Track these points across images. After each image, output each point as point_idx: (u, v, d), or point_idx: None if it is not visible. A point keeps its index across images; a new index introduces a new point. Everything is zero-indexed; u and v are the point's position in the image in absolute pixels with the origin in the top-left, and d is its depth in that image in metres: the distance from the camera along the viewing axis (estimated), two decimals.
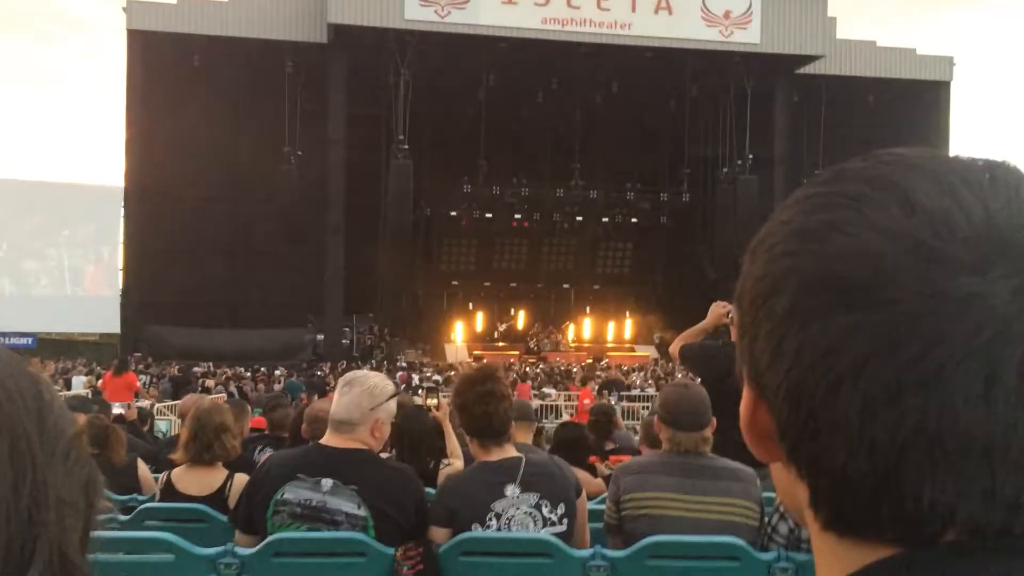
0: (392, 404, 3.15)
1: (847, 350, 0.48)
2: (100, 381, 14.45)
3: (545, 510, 3.02)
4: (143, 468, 4.87)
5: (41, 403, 0.56)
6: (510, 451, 3.10)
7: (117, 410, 7.85)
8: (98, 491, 0.58)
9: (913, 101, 29.52)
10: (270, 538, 2.94)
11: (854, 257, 0.49)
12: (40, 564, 0.51)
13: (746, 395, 0.56)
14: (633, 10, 26.56)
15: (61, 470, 0.54)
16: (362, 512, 2.93)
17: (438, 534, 3.02)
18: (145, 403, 11.77)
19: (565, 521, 3.05)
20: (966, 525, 0.48)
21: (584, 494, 3.24)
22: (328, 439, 3.05)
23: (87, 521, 0.56)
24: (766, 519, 3.19)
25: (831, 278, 0.49)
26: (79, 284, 30.05)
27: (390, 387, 3.15)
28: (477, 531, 2.98)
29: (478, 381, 3.12)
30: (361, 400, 3.01)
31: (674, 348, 4.89)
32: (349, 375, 3.16)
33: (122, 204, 28.38)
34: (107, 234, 30.24)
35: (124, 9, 27.28)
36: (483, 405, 3.03)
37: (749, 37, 27.22)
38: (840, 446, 0.49)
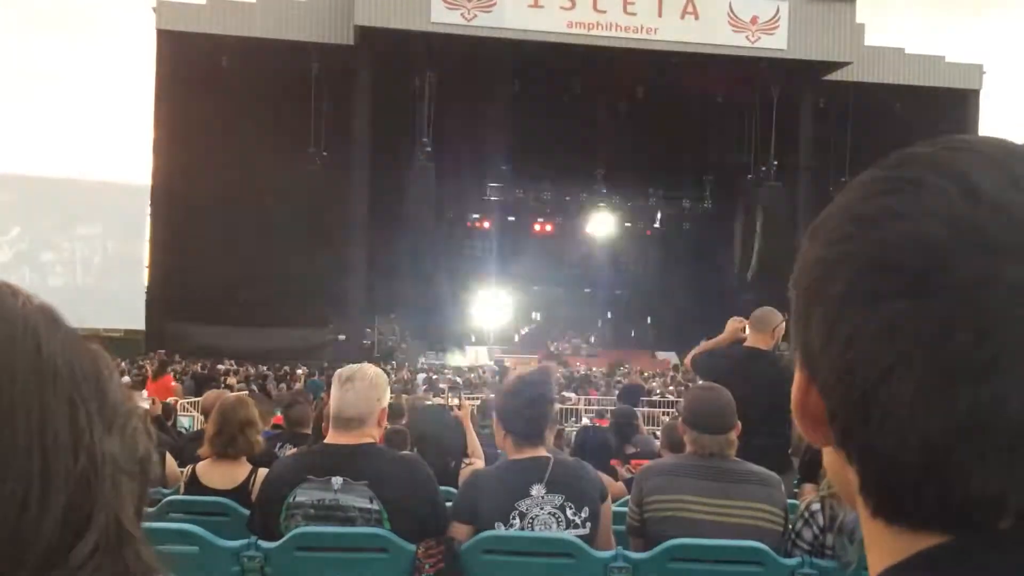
0: (389, 391, 3.18)
1: (901, 336, 0.48)
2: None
3: (569, 512, 3.01)
4: (170, 461, 4.91)
5: (100, 376, 0.57)
6: (540, 451, 3.08)
7: (142, 404, 7.93)
8: (153, 464, 0.59)
9: (941, 109, 29.20)
10: (293, 532, 2.96)
11: (911, 243, 0.48)
12: (96, 530, 0.52)
13: (798, 378, 0.55)
14: (659, 15, 26.49)
15: (118, 441, 0.55)
16: (375, 506, 2.93)
17: (460, 531, 3.02)
18: (169, 398, 11.85)
19: (588, 524, 3.04)
20: (1019, 513, 0.48)
21: (609, 498, 3.22)
22: (334, 437, 3.04)
23: (142, 492, 0.57)
24: (790, 525, 3.16)
25: (887, 264, 0.49)
26: (103, 279, 30.38)
27: (384, 375, 3.18)
28: (499, 530, 2.97)
29: (533, 384, 3.10)
30: (368, 393, 3.01)
31: (688, 359, 4.96)
32: (344, 371, 3.13)
33: (149, 202, 28.69)
34: (133, 231, 30.56)
35: (154, 9, 27.61)
36: (532, 408, 3.02)
37: (776, 43, 27.06)
38: (890, 432, 0.49)
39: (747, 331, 4.64)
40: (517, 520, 2.97)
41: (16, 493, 0.50)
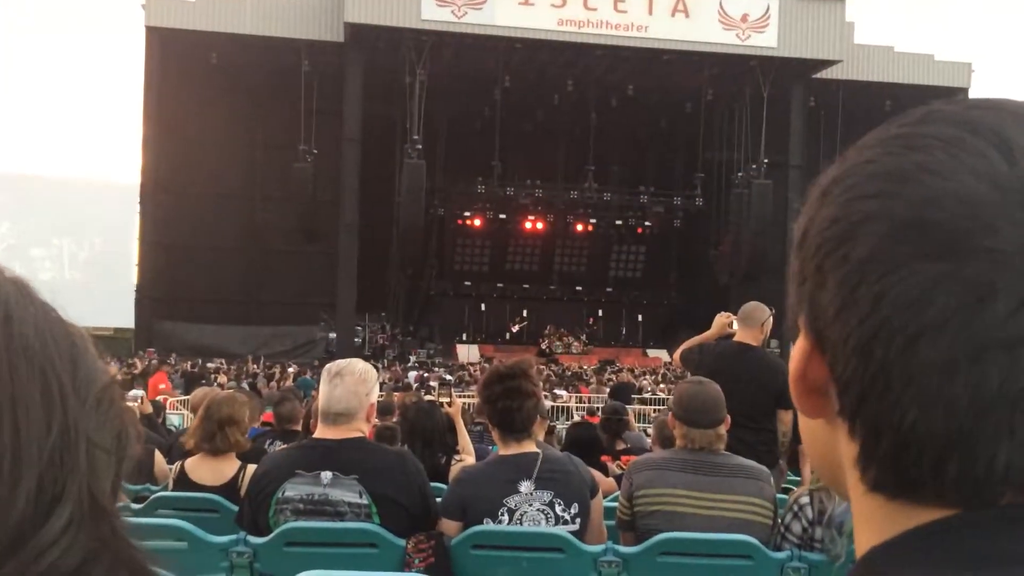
0: (378, 386, 3.17)
1: (931, 302, 0.45)
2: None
3: (558, 508, 3.01)
4: (159, 459, 4.90)
5: (74, 349, 0.56)
6: (529, 447, 3.08)
7: (131, 402, 7.90)
8: (130, 440, 0.58)
9: None
10: (282, 527, 2.95)
11: (949, 202, 0.45)
12: (70, 504, 0.51)
13: (801, 346, 0.52)
14: (650, 13, 26.52)
15: (93, 415, 0.55)
16: (364, 500, 2.93)
17: (449, 527, 3.02)
18: (159, 396, 11.81)
19: (578, 520, 3.04)
20: (1021, 487, 0.46)
21: (600, 493, 3.22)
22: (322, 431, 3.04)
23: (118, 468, 0.56)
24: (779, 518, 3.17)
25: (921, 223, 0.46)
26: (92, 277, 30.24)
27: (373, 370, 3.18)
28: (489, 525, 2.97)
29: (508, 376, 3.09)
30: (357, 388, 3.01)
31: (676, 355, 4.97)
32: (333, 365, 3.13)
33: (138, 200, 28.57)
34: (122, 229, 30.44)
35: (143, 6, 27.47)
36: (508, 400, 3.02)
37: (766, 41, 27.13)
38: (912, 403, 0.46)
39: (735, 326, 4.66)
40: (506, 516, 2.97)
41: None
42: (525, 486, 2.99)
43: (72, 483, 0.52)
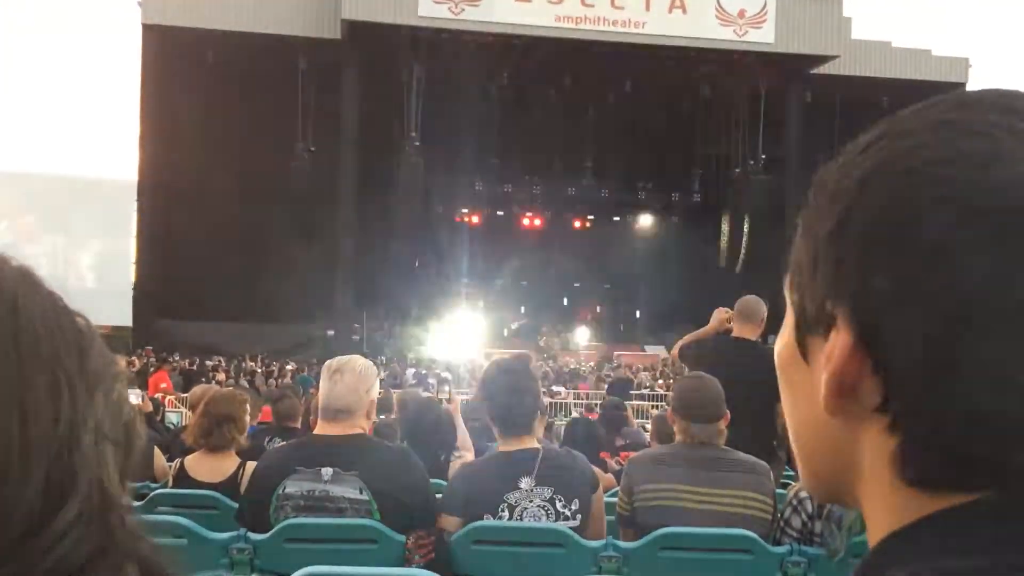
0: (378, 382, 3.17)
1: (1011, 286, 0.44)
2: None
3: (559, 504, 3.01)
4: (159, 457, 4.91)
5: (82, 340, 0.56)
6: (529, 443, 3.07)
7: (133, 400, 7.92)
8: (137, 431, 0.58)
9: None
10: (282, 523, 2.95)
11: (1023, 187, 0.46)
12: (80, 497, 0.51)
13: (843, 341, 0.50)
14: (647, 9, 26.50)
15: (101, 407, 0.54)
16: (364, 496, 2.93)
17: (450, 522, 3.02)
18: (157, 394, 11.82)
19: (579, 517, 3.04)
20: None
21: (600, 489, 3.23)
22: (323, 428, 3.04)
23: (126, 460, 0.56)
24: (779, 513, 3.17)
25: (996, 208, 0.45)
26: (90, 275, 30.20)
27: (373, 366, 3.18)
28: (489, 520, 2.97)
29: (507, 371, 3.09)
30: (357, 384, 3.01)
31: (675, 351, 4.96)
32: (333, 362, 3.13)
33: (135, 198, 28.53)
34: (120, 227, 30.40)
35: (139, 4, 27.41)
36: (507, 395, 3.02)
37: (763, 37, 27.12)
38: (985, 388, 0.45)
39: (732, 321, 4.66)
40: (506, 512, 2.97)
41: None
42: (525, 482, 2.99)
43: (81, 476, 0.52)
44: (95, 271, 30.47)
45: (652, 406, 15.28)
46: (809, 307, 0.53)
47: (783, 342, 0.58)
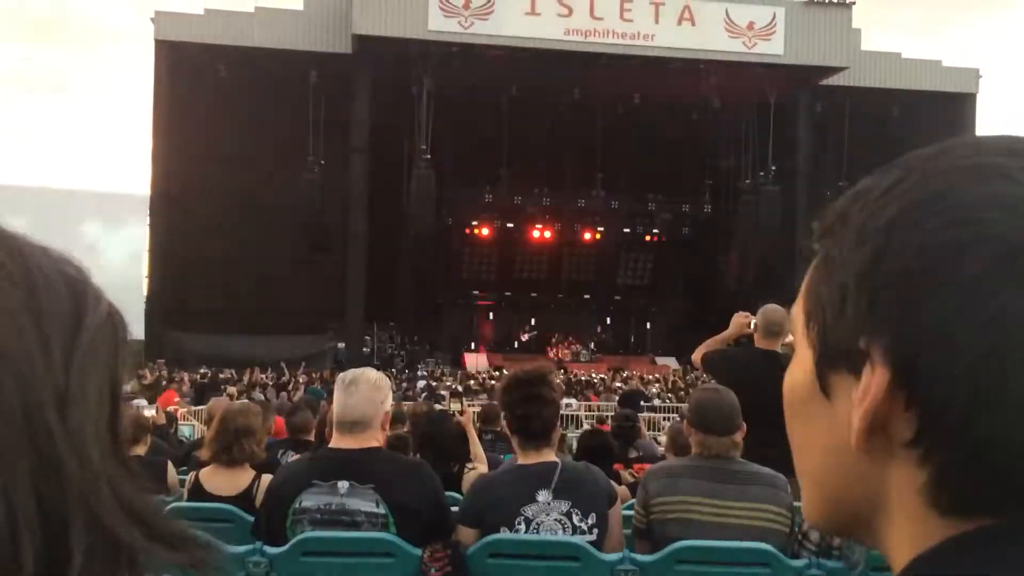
0: (391, 394, 3.18)
1: None
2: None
3: (576, 518, 3.00)
4: (171, 471, 4.92)
5: (79, 304, 0.51)
6: (548, 456, 3.06)
7: (147, 412, 7.93)
8: (120, 384, 0.54)
9: (938, 113, 29.27)
10: (299, 537, 2.95)
11: None
12: (78, 535, 0.47)
13: (878, 378, 0.51)
14: (656, 21, 26.56)
15: (89, 432, 0.49)
16: (381, 510, 2.93)
17: (467, 534, 3.01)
18: (170, 407, 11.84)
19: (596, 531, 3.03)
20: None
21: (618, 503, 3.21)
22: (338, 441, 3.04)
23: (126, 482, 0.52)
24: (797, 525, 3.16)
25: None
26: (102, 288, 30.29)
27: (386, 378, 3.19)
28: (505, 534, 2.97)
29: (526, 382, 3.08)
30: (372, 396, 3.02)
31: (697, 355, 4.90)
32: (346, 375, 3.14)
33: (148, 211, 28.69)
34: (130, 240, 30.56)
35: (152, 20, 27.66)
36: (525, 407, 3.01)
37: (772, 48, 27.13)
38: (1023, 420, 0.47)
39: (752, 326, 4.60)
40: (523, 525, 2.97)
41: None
42: (543, 495, 2.98)
43: (73, 513, 0.47)
44: (106, 283, 30.58)
45: (664, 418, 15.22)
46: (834, 344, 0.54)
47: (797, 378, 0.59)
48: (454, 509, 3.20)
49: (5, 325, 0.47)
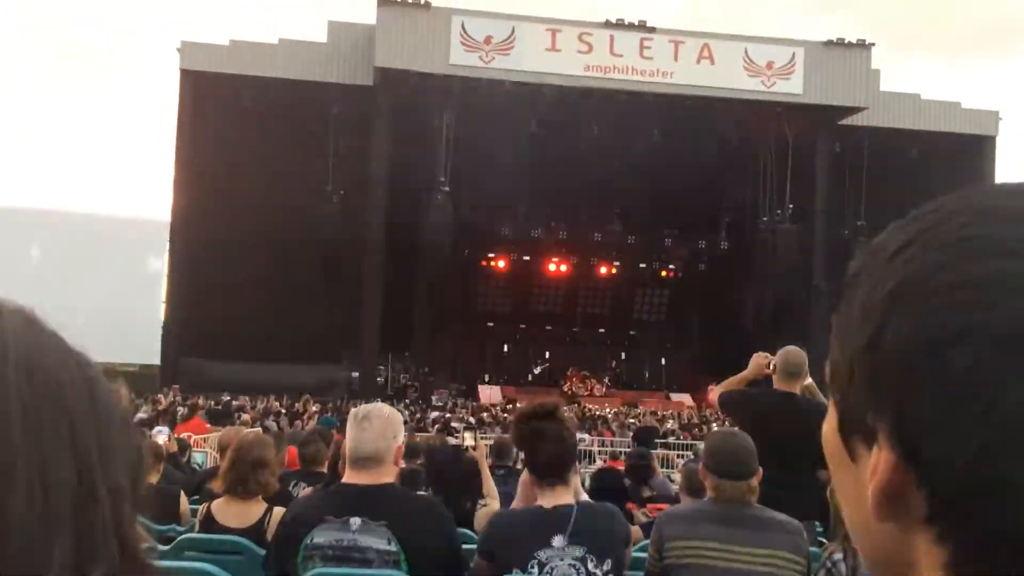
0: (403, 429, 3.18)
1: None
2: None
3: (591, 564, 2.95)
4: (184, 501, 4.91)
5: (94, 388, 0.53)
6: (563, 497, 3.01)
7: (160, 439, 7.94)
8: (143, 473, 0.56)
9: (958, 155, 29.21)
10: (310, 573, 2.93)
11: None
12: (103, 562, 0.49)
13: (886, 459, 0.50)
14: (675, 59, 26.76)
15: (115, 456, 0.52)
16: (393, 547, 2.91)
17: (484, 567, 2.99)
18: (183, 434, 11.84)
19: (611, 575, 2.99)
20: None
21: (631, 543, 3.18)
22: (352, 476, 3.02)
23: (135, 505, 0.54)
24: (812, 574, 3.11)
25: None
26: (120, 313, 30.57)
27: (399, 413, 3.20)
28: (518, 575, 2.94)
29: (534, 417, 3.06)
30: (386, 431, 3.01)
31: (714, 396, 4.86)
32: (360, 409, 3.13)
33: (167, 238, 28.98)
34: (149, 266, 30.82)
35: (178, 50, 28.15)
36: (533, 442, 3.00)
37: (792, 88, 27.24)
38: None
39: (771, 367, 4.56)
40: (536, 569, 2.94)
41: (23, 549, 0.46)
42: (558, 540, 2.94)
43: (101, 536, 0.49)
44: (125, 309, 30.85)
45: (678, 455, 15.08)
46: (849, 413, 0.53)
47: (827, 435, 0.58)
48: (466, 547, 3.18)
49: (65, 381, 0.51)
